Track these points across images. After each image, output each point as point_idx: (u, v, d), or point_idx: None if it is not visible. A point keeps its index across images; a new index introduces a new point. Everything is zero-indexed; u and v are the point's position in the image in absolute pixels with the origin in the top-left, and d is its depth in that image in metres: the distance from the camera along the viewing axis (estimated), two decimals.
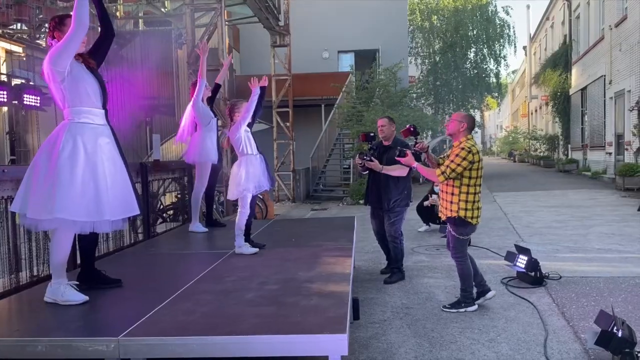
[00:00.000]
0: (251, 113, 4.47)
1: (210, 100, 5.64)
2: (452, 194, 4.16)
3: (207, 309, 2.82)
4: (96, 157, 2.95)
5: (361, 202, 13.63)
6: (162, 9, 12.46)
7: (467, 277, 4.30)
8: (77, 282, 3.10)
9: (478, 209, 4.19)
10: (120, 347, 2.32)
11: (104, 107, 3.15)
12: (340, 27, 18.78)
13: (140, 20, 12.90)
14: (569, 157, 21.30)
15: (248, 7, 12.19)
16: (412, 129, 4.53)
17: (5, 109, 11.09)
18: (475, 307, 4.28)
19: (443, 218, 4.38)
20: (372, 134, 5.52)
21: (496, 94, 28.09)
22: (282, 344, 2.31)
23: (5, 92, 8.96)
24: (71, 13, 2.94)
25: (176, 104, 11.68)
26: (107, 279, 3.36)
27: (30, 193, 2.86)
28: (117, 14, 12.33)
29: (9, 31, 15.08)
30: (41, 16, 10.70)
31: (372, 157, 5.29)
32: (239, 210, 4.38)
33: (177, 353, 2.36)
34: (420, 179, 8.30)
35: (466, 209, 4.12)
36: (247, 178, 4.35)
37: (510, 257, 5.34)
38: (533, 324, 3.99)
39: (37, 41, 14.54)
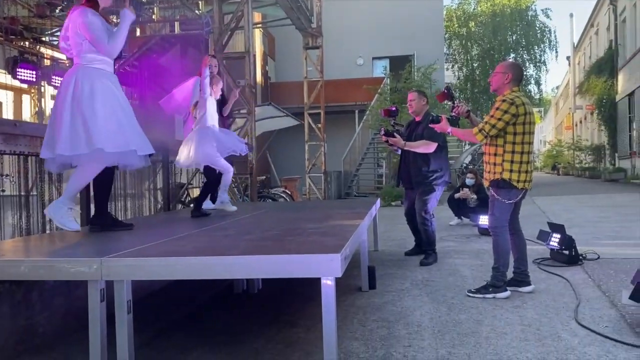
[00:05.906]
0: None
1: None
2: (496, 154, 3.61)
3: (200, 244, 2.69)
4: (110, 94, 3.05)
5: (393, 203, 13.31)
6: (197, 11, 12.71)
7: (502, 253, 3.62)
8: (81, 211, 3.08)
9: (527, 172, 3.58)
10: (102, 268, 2.21)
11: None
12: (375, 33, 18.65)
13: (176, 23, 13.18)
14: (616, 166, 20.24)
15: (280, 9, 12.28)
16: (446, 91, 4.08)
17: None
18: (507, 293, 3.56)
19: (486, 184, 3.80)
20: (393, 109, 5.29)
21: (537, 106, 27.07)
22: (267, 264, 2.13)
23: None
24: None
25: None
26: (120, 223, 3.33)
27: (58, 135, 2.91)
28: (154, 17, 12.68)
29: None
30: None
31: (394, 133, 5.07)
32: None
33: (160, 274, 2.23)
34: (470, 201, 7.77)
35: (511, 170, 3.55)
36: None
37: (543, 236, 4.99)
38: (565, 294, 3.66)
39: None
